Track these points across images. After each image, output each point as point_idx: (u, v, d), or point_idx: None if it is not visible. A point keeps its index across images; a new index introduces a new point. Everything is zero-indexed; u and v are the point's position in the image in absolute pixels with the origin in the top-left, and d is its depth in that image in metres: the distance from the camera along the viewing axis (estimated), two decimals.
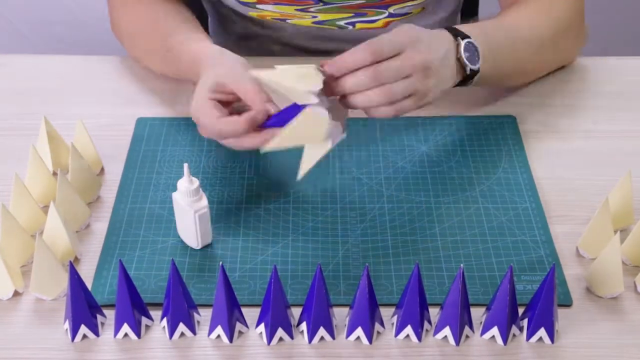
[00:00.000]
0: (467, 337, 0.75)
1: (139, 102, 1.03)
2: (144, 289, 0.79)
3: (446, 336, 0.75)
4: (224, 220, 0.87)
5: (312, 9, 1.10)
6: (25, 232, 0.81)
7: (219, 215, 0.87)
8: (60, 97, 1.05)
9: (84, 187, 0.87)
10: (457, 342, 0.74)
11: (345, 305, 0.77)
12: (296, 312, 0.76)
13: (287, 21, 1.13)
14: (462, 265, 0.72)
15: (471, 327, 0.75)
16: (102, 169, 0.93)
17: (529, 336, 0.75)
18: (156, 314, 0.77)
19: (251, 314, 0.76)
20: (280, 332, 0.74)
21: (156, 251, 0.83)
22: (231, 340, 0.75)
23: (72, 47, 1.08)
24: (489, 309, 0.75)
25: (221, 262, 0.72)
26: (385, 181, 0.91)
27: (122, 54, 1.11)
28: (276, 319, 0.73)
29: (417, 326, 0.74)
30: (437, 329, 0.75)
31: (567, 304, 0.78)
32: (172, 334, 0.75)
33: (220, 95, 0.84)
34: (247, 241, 0.84)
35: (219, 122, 0.81)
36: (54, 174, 0.91)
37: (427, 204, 0.89)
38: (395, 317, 0.76)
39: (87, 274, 0.81)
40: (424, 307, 0.74)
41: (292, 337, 0.75)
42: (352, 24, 1.13)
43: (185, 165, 0.78)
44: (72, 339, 0.75)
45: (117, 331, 0.75)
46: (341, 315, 0.77)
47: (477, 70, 0.90)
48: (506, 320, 0.73)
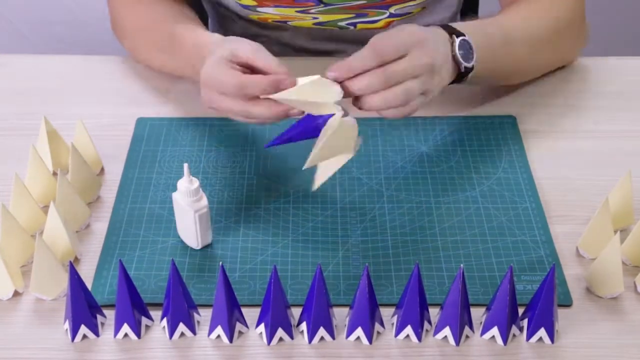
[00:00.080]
0: (467, 337, 0.75)
1: (139, 102, 1.03)
2: (144, 289, 0.79)
3: (446, 336, 0.75)
4: (224, 220, 0.87)
5: (312, 11, 1.10)
6: (25, 232, 0.81)
7: (219, 215, 0.87)
8: (60, 97, 1.05)
9: (84, 187, 0.87)
10: (457, 342, 0.74)
11: (345, 305, 0.77)
12: (296, 312, 0.76)
13: (287, 23, 1.13)
14: (462, 265, 0.72)
15: (471, 327, 0.75)
16: (102, 169, 0.93)
17: (529, 336, 0.75)
18: (156, 314, 0.77)
19: (251, 314, 0.76)
20: (280, 332, 0.74)
21: (156, 251, 0.83)
22: (231, 340, 0.75)
23: (72, 47, 1.08)
24: (489, 309, 0.75)
25: (221, 262, 0.72)
26: (385, 181, 0.91)
27: (122, 54, 1.11)
28: (276, 319, 0.73)
29: (417, 326, 0.74)
30: (437, 329, 0.75)
31: (567, 304, 0.78)
32: (172, 334, 0.75)
33: (233, 64, 0.83)
34: (247, 241, 0.84)
35: (242, 77, 0.80)
36: (54, 174, 0.91)
37: (427, 204, 0.89)
38: (395, 317, 0.76)
39: (87, 274, 0.81)
40: (424, 307, 0.74)
41: (292, 337, 0.75)
42: (354, 25, 1.13)
43: (185, 165, 0.78)
44: (72, 339, 0.75)
45: (117, 331, 0.75)
46: (341, 315, 0.77)
47: (471, 68, 0.89)
48: (506, 320, 0.73)
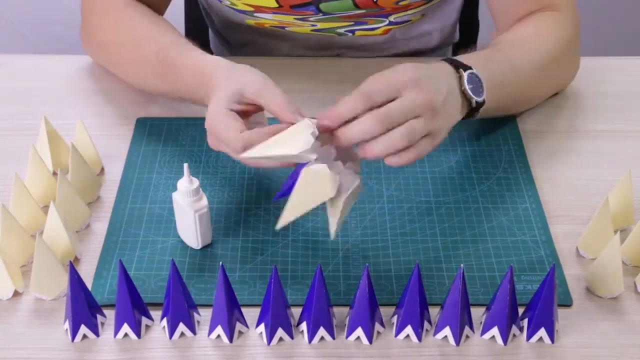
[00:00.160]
0: (467, 337, 0.75)
1: (139, 102, 1.03)
2: (144, 289, 0.79)
3: (446, 336, 0.75)
4: (224, 220, 0.87)
5: (311, 19, 1.10)
6: (25, 232, 0.81)
7: (219, 215, 0.87)
8: (60, 97, 1.05)
9: (84, 187, 0.87)
10: (457, 342, 0.74)
11: (345, 305, 0.77)
12: (296, 312, 0.76)
13: (285, 29, 1.13)
14: (462, 265, 0.72)
15: (471, 327, 0.75)
16: (102, 169, 0.93)
17: (529, 336, 0.75)
18: (156, 314, 0.77)
19: (251, 314, 0.76)
20: (280, 332, 0.74)
21: (156, 251, 0.83)
22: (231, 340, 0.75)
23: (72, 47, 1.08)
24: (489, 309, 0.75)
25: (221, 262, 0.72)
26: (385, 181, 0.91)
27: None
28: (276, 319, 0.73)
29: (417, 326, 0.74)
30: (437, 329, 0.75)
31: (567, 304, 0.78)
32: (172, 334, 0.75)
33: (239, 105, 0.80)
34: (247, 241, 0.84)
35: (244, 135, 0.76)
36: (54, 174, 0.91)
37: (427, 204, 0.89)
38: (395, 317, 0.76)
39: (87, 274, 0.81)
40: (424, 307, 0.74)
41: (292, 337, 0.75)
42: (352, 32, 1.13)
43: (185, 165, 0.78)
44: (72, 339, 0.75)
45: (117, 331, 0.75)
46: (341, 315, 0.77)
47: (482, 102, 0.85)
48: (506, 320, 0.73)
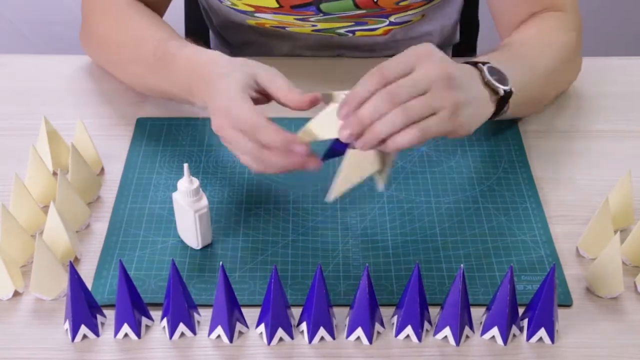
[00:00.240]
0: (467, 337, 0.75)
1: (139, 102, 1.03)
2: (144, 289, 0.79)
3: (446, 336, 0.75)
4: (224, 220, 0.87)
5: (311, 19, 1.10)
6: (25, 232, 0.81)
7: (219, 215, 0.87)
8: (60, 97, 1.05)
9: (84, 187, 0.87)
10: (457, 342, 0.74)
11: (345, 305, 0.77)
12: (296, 312, 0.76)
13: (286, 29, 1.13)
14: (462, 265, 0.72)
15: (471, 327, 0.75)
16: (102, 169, 0.93)
17: (529, 336, 0.75)
18: (156, 314, 0.77)
19: (251, 314, 0.76)
20: (280, 332, 0.74)
21: (156, 251, 0.83)
22: (231, 340, 0.75)
23: (72, 47, 1.08)
24: (489, 309, 0.75)
25: (221, 262, 0.72)
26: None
27: None
28: (276, 319, 0.73)
29: (417, 326, 0.74)
30: (437, 329, 0.75)
31: (567, 304, 0.78)
32: (172, 334, 0.75)
33: (254, 93, 0.79)
34: (247, 241, 0.84)
35: (260, 120, 0.74)
36: (54, 174, 0.91)
37: (427, 204, 0.89)
38: (395, 317, 0.76)
39: (87, 274, 0.81)
40: (424, 307, 0.74)
41: (292, 337, 0.75)
42: (352, 32, 1.13)
43: (185, 165, 0.78)
44: (72, 339, 0.75)
45: (117, 331, 0.75)
46: (341, 315, 0.77)
47: (509, 90, 0.82)
48: (506, 320, 0.73)
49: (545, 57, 0.94)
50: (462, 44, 1.27)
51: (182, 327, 0.75)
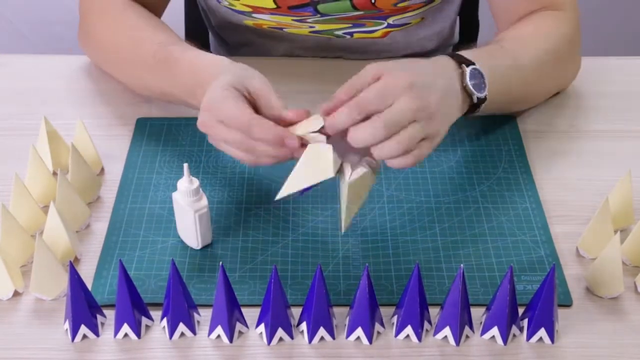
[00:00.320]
0: (467, 337, 0.75)
1: (139, 102, 1.03)
2: (144, 289, 0.79)
3: (446, 336, 0.75)
4: (224, 220, 0.87)
5: (309, 20, 1.10)
6: (25, 232, 0.81)
7: (219, 215, 0.87)
8: (60, 97, 1.05)
9: (84, 187, 0.87)
10: (457, 342, 0.74)
11: (345, 305, 0.77)
12: (296, 312, 0.76)
13: (283, 30, 1.13)
14: (462, 265, 0.72)
15: (471, 327, 0.75)
16: (102, 169, 0.93)
17: (529, 336, 0.75)
18: (156, 314, 0.77)
19: (251, 314, 0.76)
20: (280, 332, 0.74)
21: (156, 251, 0.83)
22: (231, 340, 0.75)
23: (72, 47, 1.08)
24: (489, 309, 0.75)
25: (221, 262, 0.72)
26: (385, 181, 0.91)
27: None
28: (276, 319, 0.73)
29: (417, 326, 0.74)
30: (437, 329, 0.75)
31: (567, 304, 0.78)
32: (172, 334, 0.75)
33: (244, 92, 0.79)
34: (247, 241, 0.84)
35: (252, 117, 0.75)
36: (54, 174, 0.91)
37: (427, 204, 0.89)
38: (395, 317, 0.76)
39: (87, 274, 0.81)
40: (424, 307, 0.74)
41: (292, 337, 0.75)
42: (350, 34, 1.13)
43: (185, 165, 0.78)
44: (72, 339, 0.75)
45: (117, 331, 0.75)
46: (341, 315, 0.77)
47: (483, 98, 0.85)
48: (506, 320, 0.73)
49: (536, 53, 0.95)
50: (462, 43, 1.27)
51: (182, 327, 0.75)
